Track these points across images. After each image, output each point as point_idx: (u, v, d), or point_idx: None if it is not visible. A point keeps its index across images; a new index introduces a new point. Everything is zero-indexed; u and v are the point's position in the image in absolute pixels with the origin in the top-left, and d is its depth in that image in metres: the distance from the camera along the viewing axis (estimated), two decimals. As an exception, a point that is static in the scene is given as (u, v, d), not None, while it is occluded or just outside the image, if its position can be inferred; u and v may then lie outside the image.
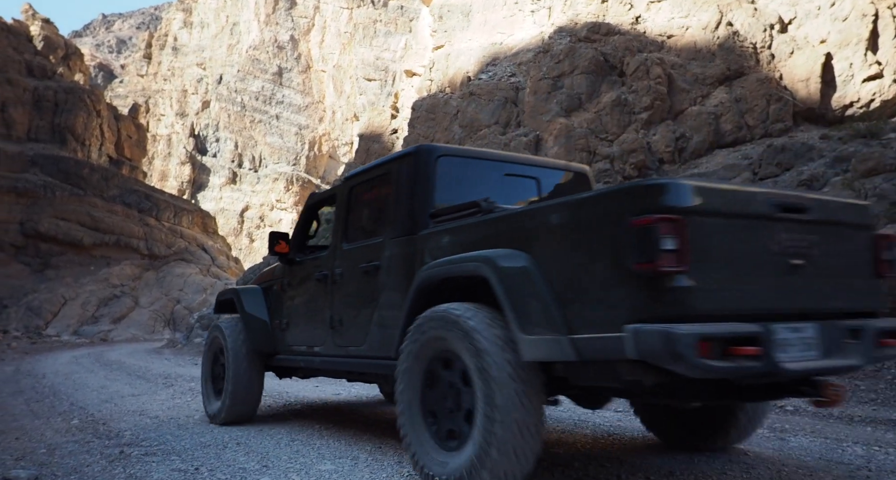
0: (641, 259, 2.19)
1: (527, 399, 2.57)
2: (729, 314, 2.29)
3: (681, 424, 3.59)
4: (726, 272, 2.33)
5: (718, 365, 2.16)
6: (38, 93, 44.03)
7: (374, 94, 55.25)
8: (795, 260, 2.49)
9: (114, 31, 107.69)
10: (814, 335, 2.46)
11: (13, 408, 6.39)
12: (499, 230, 2.91)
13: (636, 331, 2.18)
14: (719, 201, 2.39)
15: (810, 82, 21.66)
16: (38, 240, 38.87)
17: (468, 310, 2.77)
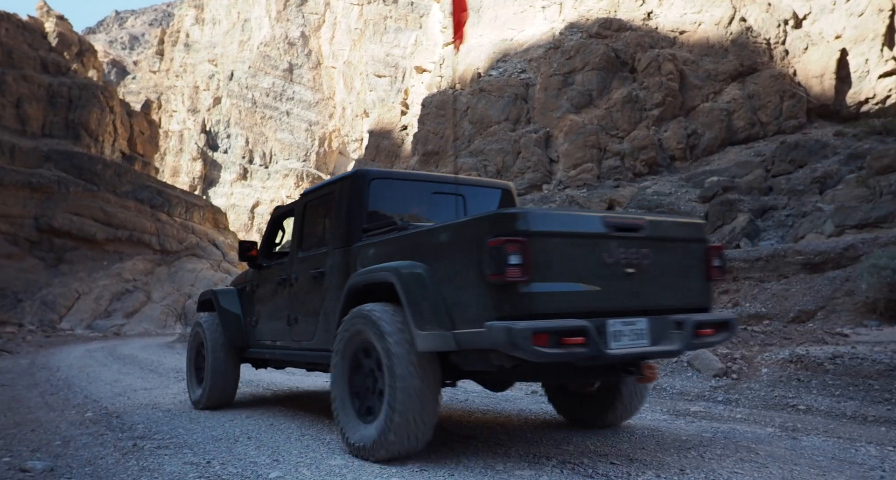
0: (495, 271, 2.85)
1: (423, 381, 3.22)
2: (567, 312, 2.95)
3: (579, 406, 4.30)
4: (565, 279, 3.00)
5: (551, 351, 2.81)
6: (52, 90, 44.48)
7: (384, 91, 55.27)
8: (628, 268, 3.15)
9: (126, 27, 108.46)
10: (645, 327, 3.15)
11: (29, 401, 6.48)
12: (406, 245, 3.57)
13: (490, 327, 2.86)
14: (558, 225, 3.08)
15: (825, 78, 21.40)
16: (52, 234, 39.32)
17: (381, 310, 3.43)
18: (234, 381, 5.52)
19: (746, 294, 9.65)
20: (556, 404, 4.54)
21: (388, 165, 36.62)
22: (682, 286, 3.41)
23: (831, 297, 8.42)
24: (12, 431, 4.72)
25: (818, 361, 5.49)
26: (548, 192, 23.21)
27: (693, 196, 19.89)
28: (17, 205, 38.53)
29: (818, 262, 9.27)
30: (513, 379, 4.11)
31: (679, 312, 3.33)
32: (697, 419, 4.69)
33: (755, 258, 10.03)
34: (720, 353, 6.30)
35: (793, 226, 16.27)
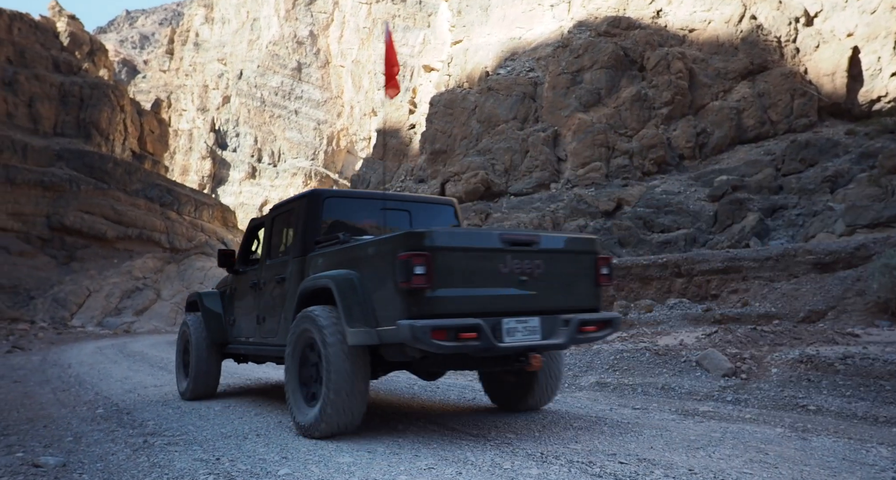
0: (403, 279, 3.50)
1: (353, 369, 3.85)
2: (466, 313, 3.62)
3: (505, 392, 4.98)
4: (464, 286, 3.67)
5: (449, 344, 3.47)
6: (64, 89, 44.86)
7: (392, 90, 55.29)
8: (522, 276, 3.82)
9: (137, 27, 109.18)
10: (537, 325, 3.85)
11: (41, 397, 6.55)
12: (344, 256, 4.20)
13: (399, 325, 3.51)
14: (459, 242, 3.73)
15: (836, 76, 21.19)
16: (63, 233, 39.69)
17: (321, 311, 4.04)
18: (216, 374, 6.10)
19: (756, 293, 9.59)
20: (488, 392, 5.17)
21: (396, 164, 36.67)
22: (573, 290, 4.11)
23: (842, 297, 8.35)
24: (25, 427, 4.78)
25: (829, 361, 5.45)
26: (556, 191, 23.16)
27: (702, 195, 19.79)
28: (30, 203, 38.92)
29: (829, 262, 9.19)
30: (441, 370, 4.84)
31: (570, 312, 4.00)
32: (706, 419, 4.67)
33: (765, 257, 9.96)
34: (729, 353, 6.26)
35: (803, 226, 16.15)
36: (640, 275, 11.36)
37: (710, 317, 9.19)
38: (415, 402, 5.60)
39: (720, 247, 16.38)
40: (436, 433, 4.20)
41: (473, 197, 24.58)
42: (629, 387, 6.09)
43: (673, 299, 10.59)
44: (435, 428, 4.35)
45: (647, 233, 19.48)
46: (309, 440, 4.04)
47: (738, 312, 9.05)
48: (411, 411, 5.09)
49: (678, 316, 9.67)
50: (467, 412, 5.05)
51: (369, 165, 38.55)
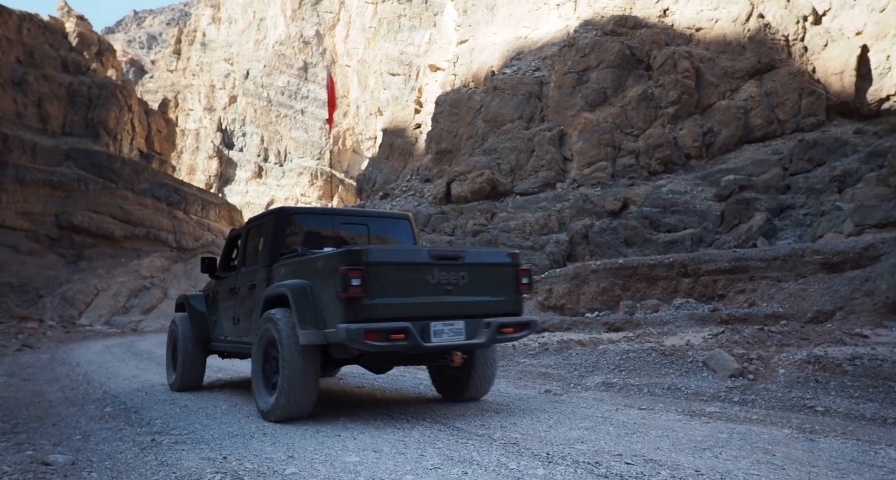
0: (342, 289, 4.15)
1: (304, 366, 4.49)
2: (398, 317, 4.26)
3: (446, 385, 5.59)
4: (396, 296, 4.32)
5: (381, 344, 4.11)
6: (72, 89, 45.15)
7: (397, 89, 55.34)
8: (448, 286, 4.49)
9: (144, 27, 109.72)
10: (462, 327, 4.50)
11: (50, 395, 6.60)
12: (300, 267, 4.85)
13: (338, 327, 4.18)
14: (391, 258, 4.44)
15: (845, 75, 21.05)
16: (72, 232, 39.96)
17: (280, 314, 4.69)
18: (201, 368, 6.73)
19: (763, 293, 9.54)
20: (435, 384, 5.79)
21: (402, 163, 36.68)
22: (495, 297, 4.78)
23: (850, 297, 8.29)
24: (34, 425, 4.82)
25: (837, 362, 5.42)
26: (561, 191, 23.12)
27: (709, 194, 19.70)
28: (39, 202, 39.21)
29: (837, 262, 9.13)
30: (388, 365, 5.46)
31: (494, 316, 4.68)
32: (713, 419, 4.65)
33: (772, 257, 9.91)
34: (736, 354, 6.24)
35: (811, 226, 16.05)
36: (647, 275, 11.32)
37: (716, 318, 9.15)
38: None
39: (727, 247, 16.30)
40: (441, 432, 4.21)
41: (479, 196, 24.58)
42: (635, 388, 6.07)
43: (679, 299, 10.55)
44: (441, 428, 4.35)
45: (654, 233, 19.42)
46: (315, 439, 4.06)
47: (745, 312, 9.01)
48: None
49: (684, 316, 9.63)
50: (472, 411, 5.06)
51: (375, 165, 38.59)
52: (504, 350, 8.62)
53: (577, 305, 12.05)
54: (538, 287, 13.42)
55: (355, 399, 5.93)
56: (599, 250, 19.57)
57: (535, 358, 7.94)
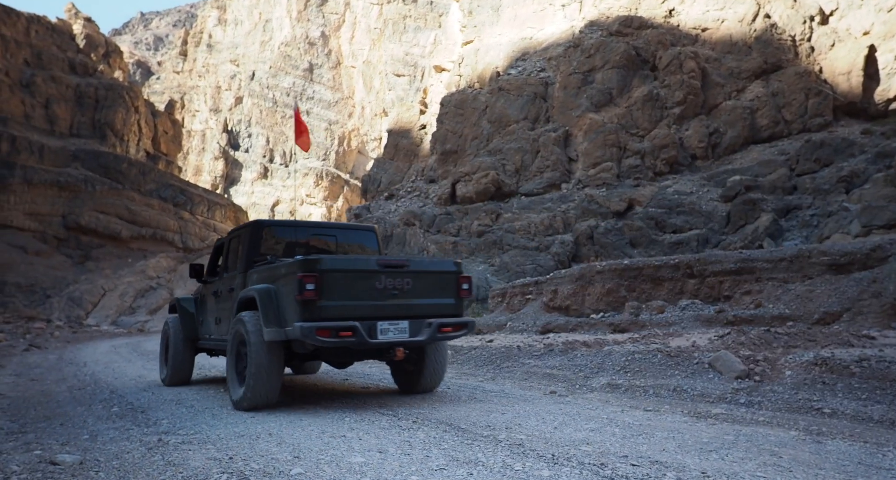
0: (298, 293, 4.79)
1: (269, 360, 5.14)
2: (349, 317, 4.92)
3: (402, 379, 6.26)
4: (347, 299, 4.97)
5: (331, 340, 4.77)
6: (80, 90, 45.42)
7: (403, 90, 55.39)
8: (394, 291, 5.15)
9: (151, 28, 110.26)
10: (406, 327, 5.16)
11: (58, 395, 6.64)
12: (268, 274, 5.50)
13: (294, 326, 4.81)
14: (342, 266, 5.05)
15: (852, 75, 20.94)
16: (79, 232, 40.19)
17: (248, 315, 5.34)
18: (190, 365, 7.37)
19: (770, 294, 9.50)
20: (394, 378, 6.41)
21: (407, 164, 36.72)
22: (438, 301, 5.42)
23: (857, 299, 8.25)
24: (42, 425, 4.85)
25: (844, 364, 5.39)
26: (567, 191, 23.09)
27: (715, 195, 19.63)
28: (46, 203, 39.45)
29: (844, 263, 9.08)
30: (346, 361, 6.30)
31: (436, 317, 5.32)
32: (719, 421, 4.64)
33: (779, 258, 9.86)
34: (742, 355, 6.21)
35: (818, 226, 15.97)
36: (652, 276, 11.29)
37: (722, 319, 9.11)
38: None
39: (733, 248, 16.24)
40: (447, 433, 4.21)
41: (484, 197, 24.58)
42: (641, 389, 6.06)
43: (685, 300, 10.52)
44: (446, 429, 4.36)
45: (659, 234, 19.36)
46: (321, 440, 4.07)
47: (752, 313, 8.97)
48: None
49: (690, 317, 9.60)
50: (476, 413, 5.06)
51: (380, 165, 38.64)
52: (509, 351, 8.62)
53: (583, 306, 12.03)
54: (543, 288, 13.40)
55: (360, 399, 5.94)
56: (605, 251, 19.53)
57: (541, 359, 7.94)
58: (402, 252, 24.43)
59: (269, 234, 6.35)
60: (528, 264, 20.31)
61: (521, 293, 14.25)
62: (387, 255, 6.82)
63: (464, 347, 9.49)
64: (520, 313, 13.43)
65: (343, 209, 61.77)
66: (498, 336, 11.58)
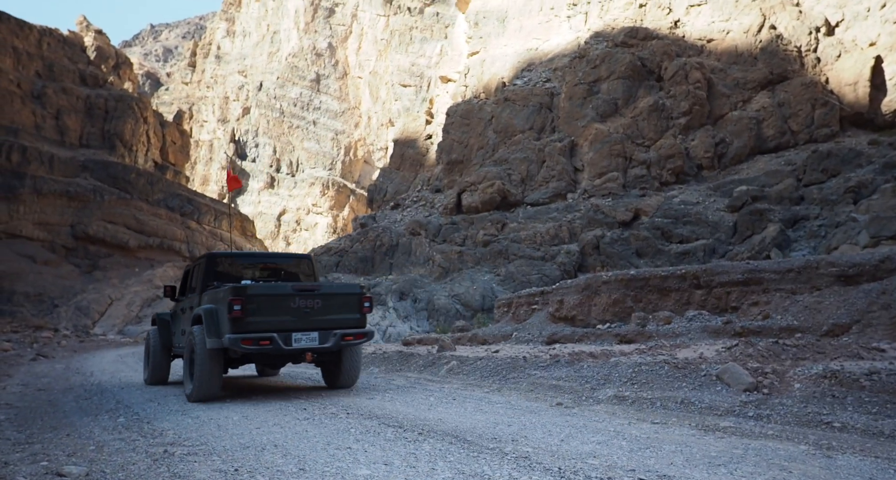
0: (229, 312, 6.25)
1: (210, 364, 6.52)
2: (269, 330, 6.36)
3: (327, 377, 7.77)
4: (268, 316, 6.40)
5: (254, 348, 6.27)
6: (90, 101, 45.93)
7: (409, 100, 55.71)
8: (307, 309, 6.57)
9: (161, 40, 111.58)
10: (316, 336, 6.62)
11: (64, 405, 6.66)
12: (213, 296, 6.90)
13: (225, 337, 6.29)
14: (264, 291, 6.49)
15: (858, 86, 20.91)
16: (87, 242, 40.45)
17: (197, 328, 6.72)
18: (167, 367, 8.84)
19: (777, 306, 9.43)
20: (323, 377, 7.85)
21: (413, 174, 36.83)
22: (345, 315, 6.92)
23: (867, 311, 8.18)
24: (49, 435, 4.86)
25: (854, 377, 5.34)
26: (572, 201, 23.07)
27: (721, 205, 19.58)
28: (55, 213, 39.77)
29: (853, 274, 9.01)
30: (277, 365, 7.89)
31: (342, 328, 6.84)
32: (727, 434, 4.59)
33: (786, 269, 9.80)
34: (750, 367, 6.16)
35: (825, 237, 15.88)
36: (659, 287, 11.24)
37: (730, 330, 9.05)
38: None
39: (740, 258, 16.16)
40: (453, 445, 4.19)
41: (490, 207, 24.60)
42: (648, 401, 6.01)
43: (692, 311, 10.46)
44: (452, 441, 4.34)
45: (666, 244, 19.30)
46: (326, 452, 4.06)
47: (759, 325, 8.90)
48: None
49: (697, 328, 9.54)
50: (482, 425, 5.04)
51: (386, 175, 38.79)
52: (515, 362, 8.59)
53: (589, 316, 11.98)
54: (549, 298, 13.35)
55: (365, 410, 5.92)
56: (611, 261, 19.47)
57: (547, 370, 7.90)
58: (408, 261, 24.44)
59: (223, 264, 7.80)
60: (533, 274, 20.27)
61: (527, 303, 14.21)
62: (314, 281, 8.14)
63: (469, 358, 9.46)
64: (525, 323, 13.38)
65: (349, 218, 61.93)
66: (504, 346, 11.54)
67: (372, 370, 10.35)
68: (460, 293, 20.32)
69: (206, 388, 6.58)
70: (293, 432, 4.78)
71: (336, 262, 25.43)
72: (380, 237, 25.66)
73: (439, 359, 9.83)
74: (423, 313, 20.70)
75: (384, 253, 25.19)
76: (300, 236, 63.59)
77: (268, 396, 7.26)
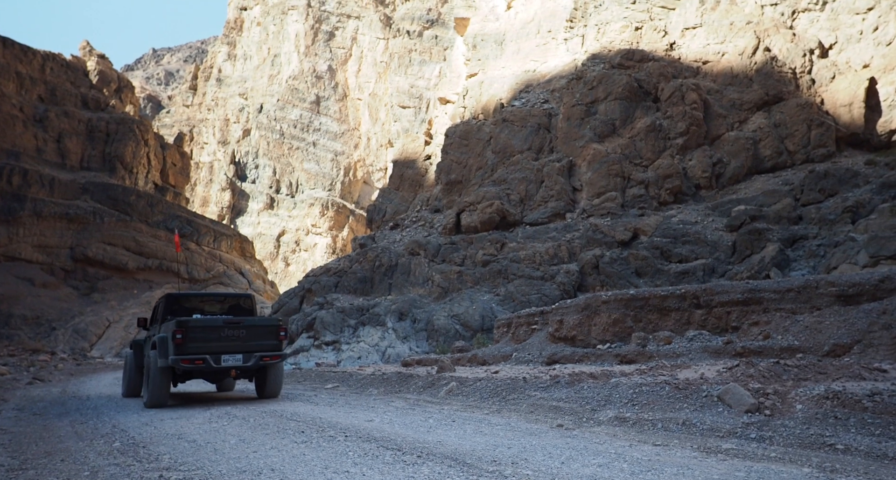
0: (174, 339, 8.59)
1: (161, 378, 8.78)
2: (204, 352, 8.75)
3: (258, 389, 9.75)
4: (202, 342, 8.75)
5: (190, 366, 8.71)
6: (91, 125, 46.31)
7: (408, 121, 56.22)
8: (234, 337, 8.97)
9: (163, 64, 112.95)
10: (240, 357, 8.96)
11: (59, 430, 6.58)
12: (166, 327, 9.00)
13: (169, 358, 8.67)
14: (201, 323, 8.87)
15: (853, 107, 21.14)
16: (86, 264, 40.39)
17: (153, 351, 9.04)
18: (140, 383, 10.49)
19: (778, 326, 9.40)
20: (256, 389, 9.85)
21: (412, 194, 36.97)
22: (265, 341, 9.01)
23: (868, 331, 8.15)
24: (43, 461, 4.80)
25: (856, 398, 5.30)
26: (571, 221, 23.14)
27: (720, 225, 19.63)
28: (55, 235, 39.79)
29: (852, 294, 9.00)
30: (221, 380, 10.93)
31: (262, 351, 8.95)
32: (729, 457, 4.54)
33: (786, 289, 9.79)
34: (752, 388, 6.12)
35: (824, 256, 15.89)
36: (659, 306, 11.21)
37: (730, 350, 9.01)
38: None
39: (739, 278, 16.15)
40: (452, 469, 4.15)
41: (489, 226, 24.66)
42: (649, 422, 5.96)
43: (692, 331, 10.42)
44: (451, 464, 4.29)
45: (665, 263, 19.30)
46: (324, 475, 4.01)
47: (760, 345, 8.86)
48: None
49: (698, 348, 9.49)
50: (481, 448, 4.98)
51: (385, 195, 38.94)
52: (515, 382, 8.53)
53: (589, 336, 11.92)
54: (548, 318, 13.30)
55: (363, 432, 5.86)
56: (610, 280, 19.45)
57: (547, 390, 7.83)
58: (407, 281, 24.38)
59: (179, 301, 9.91)
60: (533, 294, 20.22)
61: (527, 323, 14.15)
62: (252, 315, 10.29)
63: (469, 379, 9.39)
64: (525, 343, 13.31)
65: (348, 239, 61.99)
66: (503, 367, 11.45)
67: (371, 391, 10.26)
68: (459, 313, 20.24)
69: (157, 397, 8.71)
70: (290, 456, 4.73)
71: (335, 283, 25.38)
72: (379, 257, 25.65)
73: (439, 380, 9.75)
74: (422, 333, 20.60)
75: (383, 274, 25.16)
76: (299, 256, 63.57)
77: (265, 419, 7.19)
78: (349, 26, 70.65)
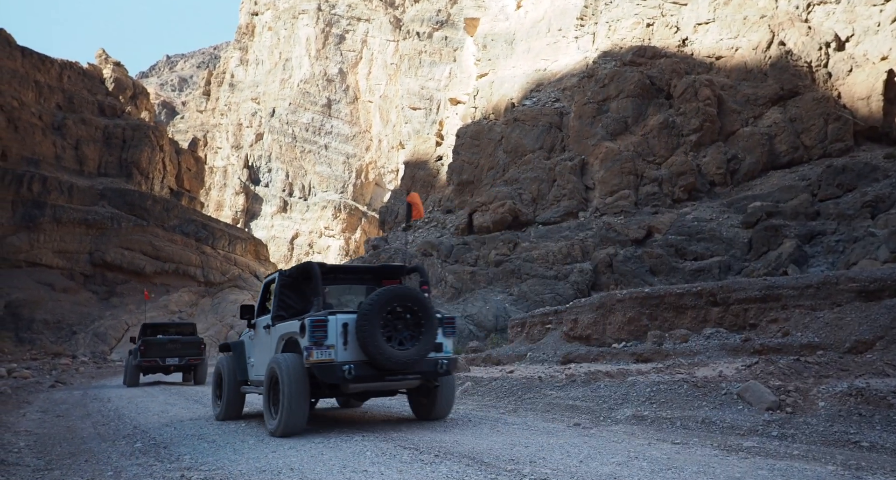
0: (138, 349, 15.45)
1: (132, 372, 15.50)
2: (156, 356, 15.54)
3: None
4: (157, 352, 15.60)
5: (147, 365, 15.42)
6: (108, 131, 46.99)
7: (419, 123, 56.30)
8: (174, 348, 15.80)
9: (177, 70, 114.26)
10: (178, 358, 15.82)
11: (82, 431, 6.69)
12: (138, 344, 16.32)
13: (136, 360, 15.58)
14: (155, 341, 15.71)
15: (871, 100, 20.81)
16: (104, 269, 40.97)
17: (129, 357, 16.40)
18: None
19: (797, 323, 9.27)
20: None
21: (424, 195, 37.03)
22: (191, 350, 15.86)
23: (890, 327, 8.01)
24: (68, 461, 4.88)
25: (881, 395, 5.22)
26: (584, 220, 23.02)
27: (735, 221, 19.41)
28: (74, 241, 40.41)
29: (874, 289, 8.85)
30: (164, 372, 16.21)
31: (189, 356, 15.76)
32: (751, 455, 4.49)
33: (805, 285, 9.65)
34: (772, 385, 6.05)
35: (843, 252, 15.66)
36: (674, 304, 11.11)
37: (749, 348, 8.90)
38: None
39: (756, 275, 15.95)
40: (470, 467, 4.15)
41: (501, 226, 24.61)
42: (668, 421, 5.91)
43: (709, 329, 10.31)
44: (469, 463, 4.29)
45: (680, 261, 19.13)
46: (342, 474, 4.03)
47: (779, 342, 8.75)
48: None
49: (715, 346, 9.39)
50: (447, 435, 4.98)
51: (397, 197, 39.04)
52: (530, 382, 8.51)
53: (604, 335, 11.85)
54: (563, 317, 13.25)
55: (381, 432, 5.87)
56: (624, 279, 19.32)
57: (563, 389, 7.80)
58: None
59: (149, 328, 16.10)
60: (546, 293, 20.15)
61: (541, 322, 14.10)
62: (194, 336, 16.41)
63: (484, 379, 9.38)
64: (540, 343, 13.26)
65: (361, 241, 62.21)
66: (518, 366, 11.43)
67: (387, 392, 10.28)
68: (473, 313, 20.23)
69: (129, 383, 14.80)
70: (309, 455, 4.75)
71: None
72: (392, 259, 25.71)
73: (454, 381, 9.75)
74: (437, 334, 20.58)
75: (397, 275, 25.21)
76: (312, 259, 63.95)
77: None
78: (359, 29, 70.96)
